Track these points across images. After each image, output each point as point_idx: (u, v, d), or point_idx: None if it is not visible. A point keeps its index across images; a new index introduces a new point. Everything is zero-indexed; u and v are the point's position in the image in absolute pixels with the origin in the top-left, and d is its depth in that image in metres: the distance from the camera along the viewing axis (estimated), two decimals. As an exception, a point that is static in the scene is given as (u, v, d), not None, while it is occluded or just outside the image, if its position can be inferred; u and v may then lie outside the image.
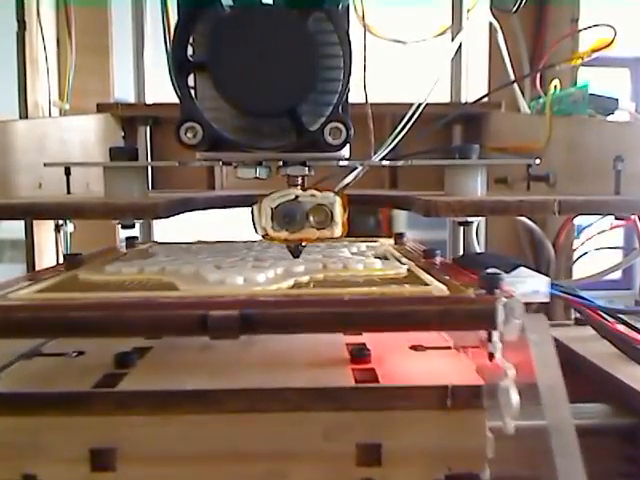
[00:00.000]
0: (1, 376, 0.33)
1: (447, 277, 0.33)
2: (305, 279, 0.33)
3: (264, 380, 0.31)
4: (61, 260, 0.65)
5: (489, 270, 0.30)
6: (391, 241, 0.55)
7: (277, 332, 0.28)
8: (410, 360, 0.34)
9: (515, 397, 0.27)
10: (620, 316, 0.46)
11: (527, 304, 0.28)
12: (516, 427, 0.28)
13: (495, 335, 0.28)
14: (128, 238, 0.55)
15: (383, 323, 0.27)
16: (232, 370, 0.33)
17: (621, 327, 0.45)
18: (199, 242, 0.54)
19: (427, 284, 0.32)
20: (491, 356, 0.29)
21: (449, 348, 0.36)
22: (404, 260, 0.41)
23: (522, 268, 0.36)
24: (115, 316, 0.27)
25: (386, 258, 0.42)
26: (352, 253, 0.43)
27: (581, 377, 0.45)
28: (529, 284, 0.33)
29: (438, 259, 0.41)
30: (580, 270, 0.68)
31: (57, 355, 0.36)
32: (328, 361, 0.34)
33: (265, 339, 0.36)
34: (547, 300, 0.33)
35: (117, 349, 0.35)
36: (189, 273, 0.35)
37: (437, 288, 0.31)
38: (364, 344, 0.35)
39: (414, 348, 0.36)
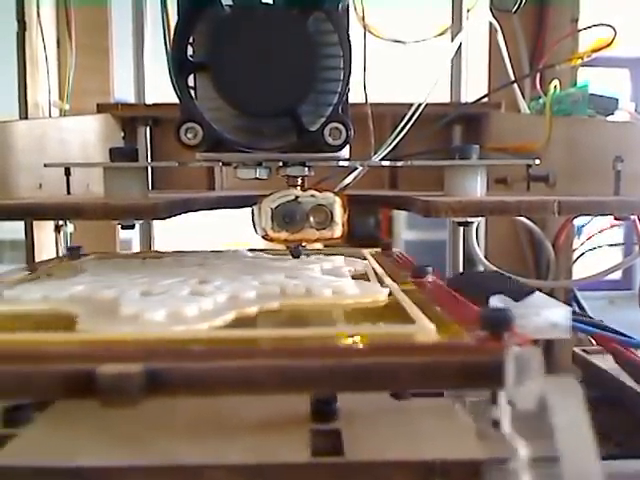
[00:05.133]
0: None
1: (438, 308, 0.26)
2: (253, 310, 0.27)
3: (190, 451, 0.23)
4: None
5: (494, 302, 0.25)
6: (377, 251, 0.48)
7: (194, 394, 0.20)
8: (389, 417, 0.26)
9: None
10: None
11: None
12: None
13: (502, 397, 0.21)
14: (69, 248, 0.49)
15: (341, 384, 0.20)
16: (150, 434, 0.24)
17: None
18: (154, 252, 0.47)
19: (411, 321, 0.25)
20: (495, 424, 0.21)
21: (441, 395, 0.28)
22: (387, 281, 0.34)
23: (537, 294, 0.29)
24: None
25: (365, 277, 0.36)
26: (324, 271, 0.36)
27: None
28: (546, 316, 0.26)
29: (430, 278, 0.35)
30: (580, 270, 0.67)
31: None
32: (283, 419, 0.25)
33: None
34: (568, 336, 0.27)
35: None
36: (103, 302, 0.28)
37: (423, 328, 0.24)
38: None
39: (396, 396, 0.28)
